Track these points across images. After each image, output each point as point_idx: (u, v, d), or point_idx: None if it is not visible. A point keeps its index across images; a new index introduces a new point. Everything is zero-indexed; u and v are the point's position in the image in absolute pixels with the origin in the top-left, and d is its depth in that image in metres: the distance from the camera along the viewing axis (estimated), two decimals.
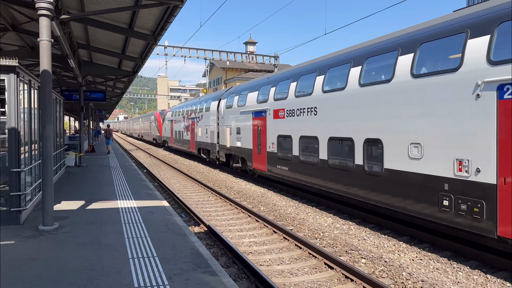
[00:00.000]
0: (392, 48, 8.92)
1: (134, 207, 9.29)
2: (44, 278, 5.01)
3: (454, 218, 7.20)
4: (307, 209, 11.72)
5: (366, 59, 9.71)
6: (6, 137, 7.40)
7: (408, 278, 6.55)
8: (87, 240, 6.62)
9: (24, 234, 6.94)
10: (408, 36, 8.63)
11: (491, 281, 6.46)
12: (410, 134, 8.17)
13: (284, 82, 13.81)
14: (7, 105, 7.30)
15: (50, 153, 7.45)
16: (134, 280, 4.96)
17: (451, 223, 7.28)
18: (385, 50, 9.15)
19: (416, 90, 8.00)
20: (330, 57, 11.78)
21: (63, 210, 8.84)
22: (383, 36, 9.99)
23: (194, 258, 5.83)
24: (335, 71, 11.01)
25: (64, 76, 19.56)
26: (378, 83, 9.13)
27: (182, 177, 19.14)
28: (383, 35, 10.10)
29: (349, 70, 10.17)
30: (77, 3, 9.86)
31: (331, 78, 11.16)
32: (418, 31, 8.43)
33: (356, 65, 10.00)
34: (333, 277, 6.65)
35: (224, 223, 10.24)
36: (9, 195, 7.44)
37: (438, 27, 7.90)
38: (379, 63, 9.38)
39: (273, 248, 8.15)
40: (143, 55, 14.66)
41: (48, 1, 7.05)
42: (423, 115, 7.83)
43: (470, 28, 7.10)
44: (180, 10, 8.96)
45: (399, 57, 8.56)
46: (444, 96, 7.40)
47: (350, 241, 8.61)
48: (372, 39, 10.45)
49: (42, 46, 7.18)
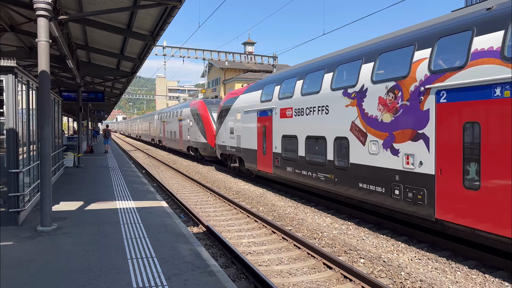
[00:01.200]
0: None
1: (133, 208, 9.29)
2: (42, 279, 5.00)
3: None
4: (306, 209, 11.73)
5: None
6: (4, 138, 7.39)
7: (406, 278, 6.56)
8: (85, 241, 6.61)
9: (22, 235, 6.93)
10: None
11: (489, 280, 6.47)
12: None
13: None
14: (5, 106, 7.29)
15: (48, 154, 7.44)
16: (132, 281, 4.96)
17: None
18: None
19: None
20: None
21: (62, 211, 8.83)
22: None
23: (192, 259, 5.82)
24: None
25: (63, 77, 19.54)
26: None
27: (181, 177, 19.13)
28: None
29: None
30: (75, 4, 9.86)
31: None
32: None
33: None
34: (332, 277, 6.65)
35: (223, 223, 10.24)
36: (7, 196, 7.42)
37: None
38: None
39: (272, 248, 8.15)
40: (142, 56, 14.66)
41: (46, 1, 7.04)
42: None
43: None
44: (178, 10, 8.97)
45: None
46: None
47: (349, 241, 8.62)
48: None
49: (40, 46, 7.18)
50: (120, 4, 9.40)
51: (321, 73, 11.55)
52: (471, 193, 6.94)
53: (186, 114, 28.22)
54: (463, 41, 7.21)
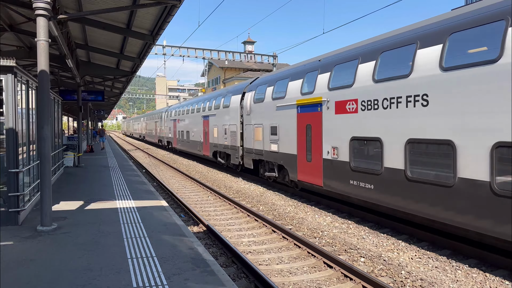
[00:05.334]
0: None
1: (133, 207, 9.28)
2: (42, 278, 5.00)
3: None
4: (306, 208, 11.72)
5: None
6: (4, 138, 7.38)
7: (407, 276, 6.55)
8: (85, 240, 6.60)
9: (22, 235, 6.92)
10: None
11: (490, 279, 6.47)
12: None
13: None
14: (5, 105, 7.28)
15: (48, 153, 7.43)
16: (132, 280, 4.95)
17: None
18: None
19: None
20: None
21: (62, 211, 8.83)
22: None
23: (193, 258, 5.82)
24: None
25: (63, 77, 19.52)
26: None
27: (181, 176, 19.13)
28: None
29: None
30: (74, 3, 9.84)
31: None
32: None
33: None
34: (332, 276, 6.65)
35: (223, 222, 10.24)
36: (7, 196, 7.42)
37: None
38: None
39: (272, 248, 8.15)
40: (141, 55, 14.64)
41: (45, 1, 7.03)
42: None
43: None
44: (178, 9, 8.96)
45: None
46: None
47: (349, 240, 8.61)
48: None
49: (39, 46, 7.17)
50: (119, 3, 9.39)
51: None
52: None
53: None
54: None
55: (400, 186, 8.33)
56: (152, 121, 46.56)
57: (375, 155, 9.13)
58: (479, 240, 7.13)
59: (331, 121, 10.74)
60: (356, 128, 9.76)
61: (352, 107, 9.88)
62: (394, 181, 8.50)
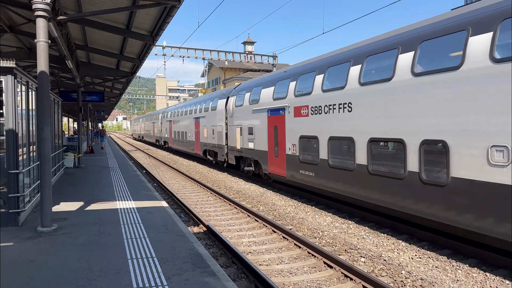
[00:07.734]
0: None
1: (133, 208, 9.28)
2: (42, 279, 5.00)
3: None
4: (306, 208, 11.72)
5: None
6: (4, 139, 7.39)
7: (407, 276, 6.55)
8: (85, 241, 6.61)
9: (22, 236, 6.93)
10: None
11: (490, 279, 6.46)
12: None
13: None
14: (5, 106, 7.29)
15: (48, 154, 7.44)
16: (133, 281, 4.96)
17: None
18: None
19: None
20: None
21: (62, 211, 8.83)
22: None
23: (193, 258, 5.82)
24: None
25: (63, 77, 19.54)
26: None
27: (181, 177, 19.13)
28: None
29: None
30: (74, 4, 9.85)
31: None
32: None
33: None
34: (332, 276, 6.65)
35: (223, 222, 10.24)
36: (7, 197, 7.43)
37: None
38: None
39: (273, 248, 8.15)
40: (141, 56, 14.65)
41: (45, 2, 7.03)
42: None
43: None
44: (177, 10, 8.97)
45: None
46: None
47: (350, 240, 8.61)
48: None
49: (39, 47, 7.17)
50: (119, 4, 9.40)
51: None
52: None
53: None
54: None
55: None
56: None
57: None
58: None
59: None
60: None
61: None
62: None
